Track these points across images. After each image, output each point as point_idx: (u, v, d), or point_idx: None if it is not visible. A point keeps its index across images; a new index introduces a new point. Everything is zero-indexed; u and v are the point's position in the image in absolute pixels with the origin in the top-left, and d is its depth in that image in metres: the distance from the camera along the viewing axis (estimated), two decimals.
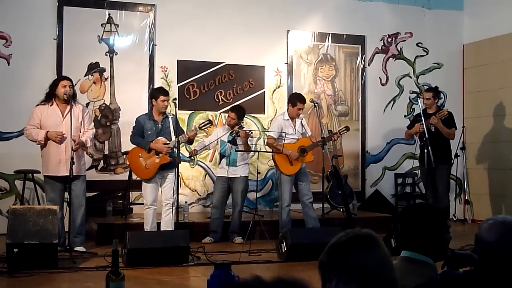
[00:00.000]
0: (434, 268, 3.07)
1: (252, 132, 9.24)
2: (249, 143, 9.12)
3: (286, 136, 9.07)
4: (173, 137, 8.31)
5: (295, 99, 9.29)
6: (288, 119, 9.26)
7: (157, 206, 8.54)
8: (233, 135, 9.05)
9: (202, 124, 8.64)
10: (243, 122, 9.60)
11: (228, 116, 9.35)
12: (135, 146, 8.55)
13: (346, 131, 9.63)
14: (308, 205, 9.19)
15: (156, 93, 8.57)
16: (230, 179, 9.25)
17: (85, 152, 8.55)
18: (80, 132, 8.17)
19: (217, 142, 9.34)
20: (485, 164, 11.96)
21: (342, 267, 2.18)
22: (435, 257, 3.14)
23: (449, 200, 9.99)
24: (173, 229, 8.19)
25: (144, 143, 8.42)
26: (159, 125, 8.47)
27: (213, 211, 9.39)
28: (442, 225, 3.16)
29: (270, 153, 9.51)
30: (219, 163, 9.45)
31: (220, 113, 10.83)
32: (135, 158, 8.54)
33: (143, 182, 8.57)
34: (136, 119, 8.70)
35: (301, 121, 9.22)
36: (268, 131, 9.76)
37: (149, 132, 8.47)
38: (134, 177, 9.62)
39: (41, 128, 8.05)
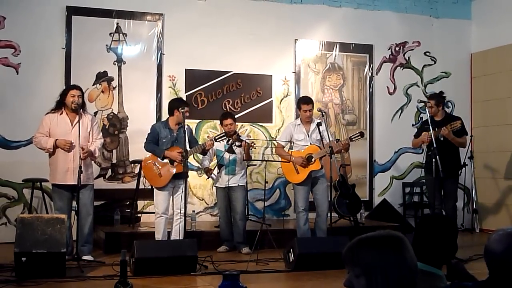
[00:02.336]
0: (443, 280, 3.07)
1: (254, 143, 9.18)
2: (250, 153, 9.11)
3: (297, 142, 9.00)
4: (187, 147, 8.31)
5: (298, 102, 9.24)
6: (299, 124, 9.08)
7: (168, 215, 8.54)
8: (230, 144, 8.97)
9: (218, 136, 8.64)
10: (240, 132, 9.63)
11: (225, 124, 9.13)
12: (149, 154, 8.56)
13: (360, 137, 9.11)
14: (320, 216, 9.02)
15: (181, 104, 8.52)
16: (229, 188, 9.23)
17: (92, 161, 8.56)
18: (89, 142, 8.18)
19: (214, 152, 9.30)
20: (493, 174, 11.93)
21: (353, 261, 2.31)
22: (440, 264, 3.16)
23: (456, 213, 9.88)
24: (182, 238, 8.18)
25: (159, 150, 8.43)
26: (174, 134, 8.49)
27: (220, 221, 9.39)
28: (456, 238, 3.19)
29: (278, 162, 9.47)
30: (218, 173, 9.39)
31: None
32: (149, 166, 8.54)
33: (155, 191, 8.56)
34: (152, 126, 8.75)
35: (317, 126, 8.77)
36: (276, 140, 9.69)
37: (164, 140, 8.48)
38: (141, 186, 9.64)
39: (50, 136, 8.08)
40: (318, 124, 8.78)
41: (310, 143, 8.94)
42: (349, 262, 2.33)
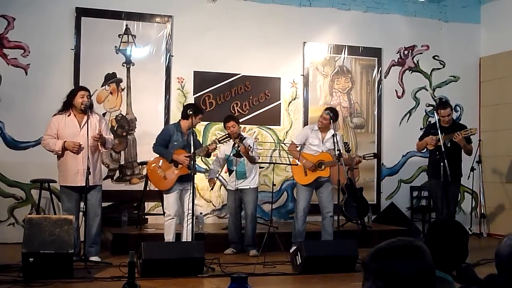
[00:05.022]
0: (453, 286, 3.06)
1: (251, 147, 9.14)
2: (253, 154, 9.09)
3: (310, 146, 9.11)
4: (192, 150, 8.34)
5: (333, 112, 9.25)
6: (317, 130, 9.20)
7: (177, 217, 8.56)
8: (236, 148, 8.97)
9: (221, 138, 8.68)
10: (243, 130, 9.64)
11: (228, 127, 9.12)
12: (156, 156, 8.61)
13: (373, 157, 9.47)
14: (326, 218, 9.09)
15: (198, 111, 8.60)
16: (241, 190, 9.24)
17: (101, 162, 8.57)
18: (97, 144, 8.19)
19: (224, 157, 9.29)
20: (502, 178, 11.89)
21: (377, 273, 2.20)
22: (451, 269, 3.15)
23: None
24: (192, 239, 8.17)
25: (167, 153, 8.46)
26: (185, 138, 8.51)
27: (229, 223, 9.40)
28: (467, 243, 3.19)
29: (286, 165, 9.48)
30: (229, 177, 9.44)
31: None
32: (154, 169, 8.59)
33: (164, 194, 8.61)
34: (165, 128, 8.88)
35: (333, 136, 8.97)
36: (283, 142, 9.73)
37: (175, 143, 8.51)
38: (149, 187, 9.65)
39: (58, 138, 8.08)
40: (334, 135, 8.97)
41: (322, 150, 9.07)
42: (372, 273, 2.22)
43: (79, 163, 8.00)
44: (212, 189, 9.81)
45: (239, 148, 8.85)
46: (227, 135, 8.73)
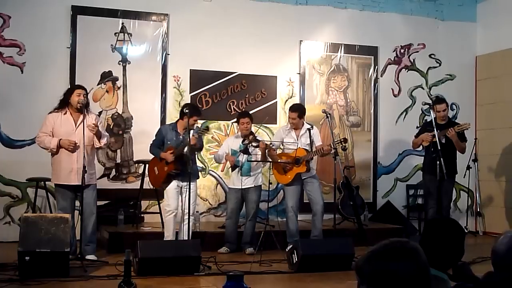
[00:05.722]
0: (448, 284, 3.06)
1: (273, 144, 9.18)
2: (266, 154, 9.12)
3: (287, 145, 9.14)
4: (186, 150, 8.33)
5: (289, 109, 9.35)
6: (289, 129, 9.25)
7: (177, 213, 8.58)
8: (246, 144, 8.98)
9: (201, 130, 8.62)
10: (256, 132, 9.61)
11: (242, 123, 9.16)
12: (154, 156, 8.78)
13: (343, 143, 9.06)
14: (316, 214, 9.07)
15: (194, 113, 8.53)
16: (244, 189, 9.23)
17: (96, 161, 8.56)
18: (93, 142, 8.16)
19: (229, 152, 9.30)
20: (497, 176, 11.91)
21: (371, 276, 2.17)
22: (446, 268, 3.15)
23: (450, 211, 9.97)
24: (189, 238, 8.15)
25: (156, 152, 8.61)
26: (180, 137, 8.49)
27: (227, 222, 9.36)
28: (463, 242, 3.19)
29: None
30: (232, 174, 9.42)
31: (232, 123, 10.81)
32: (151, 167, 8.81)
33: (164, 190, 8.68)
34: (159, 129, 8.93)
35: (308, 131, 9.06)
36: (272, 141, 9.77)
37: (169, 142, 8.56)
38: (145, 186, 9.65)
39: (53, 136, 8.06)
40: (309, 129, 9.05)
41: (299, 147, 9.05)
42: (366, 279, 2.19)
43: (73, 161, 8.00)
44: (231, 166, 9.52)
45: (257, 144, 8.87)
46: (206, 127, 8.86)
